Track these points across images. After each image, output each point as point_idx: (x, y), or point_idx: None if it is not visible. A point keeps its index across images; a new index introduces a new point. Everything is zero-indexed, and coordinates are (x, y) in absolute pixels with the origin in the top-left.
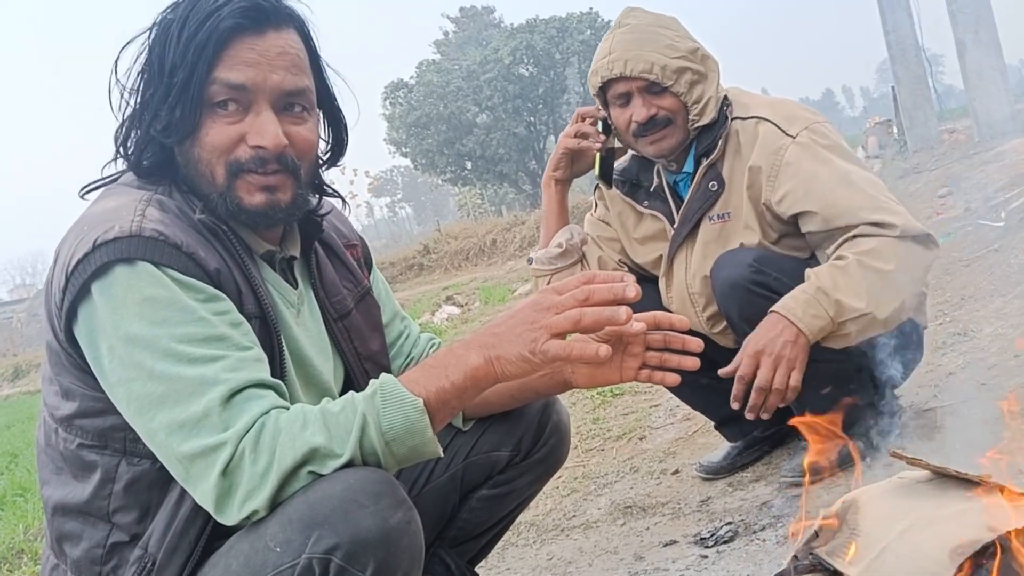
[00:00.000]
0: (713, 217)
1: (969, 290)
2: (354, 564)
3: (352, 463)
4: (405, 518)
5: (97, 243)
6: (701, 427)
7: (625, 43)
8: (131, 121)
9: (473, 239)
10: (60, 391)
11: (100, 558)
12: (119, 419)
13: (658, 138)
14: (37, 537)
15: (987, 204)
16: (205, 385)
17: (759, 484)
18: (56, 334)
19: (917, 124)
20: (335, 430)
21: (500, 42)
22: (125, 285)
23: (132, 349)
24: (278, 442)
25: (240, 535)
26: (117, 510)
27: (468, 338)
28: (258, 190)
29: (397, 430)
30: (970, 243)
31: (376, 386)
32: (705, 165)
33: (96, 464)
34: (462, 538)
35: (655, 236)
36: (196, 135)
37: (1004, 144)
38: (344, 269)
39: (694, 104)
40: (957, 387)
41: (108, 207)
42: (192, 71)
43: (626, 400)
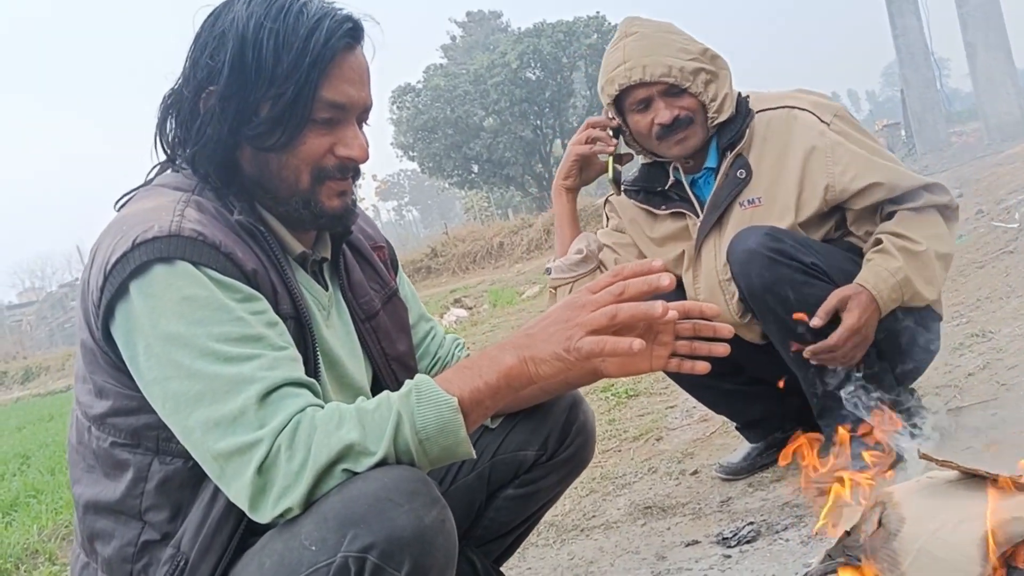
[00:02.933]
0: (743, 203)
1: (985, 291)
2: (390, 563)
3: (386, 461)
4: (440, 516)
5: (136, 242)
6: (718, 428)
7: (639, 50)
8: (201, 119)
9: (480, 242)
10: (94, 389)
11: (131, 556)
12: (152, 418)
13: (682, 138)
14: (51, 538)
15: (999, 206)
16: (241, 383)
17: (780, 484)
18: (92, 332)
19: (926, 127)
20: (370, 427)
21: (507, 46)
22: (163, 284)
23: (169, 347)
24: (313, 439)
25: (273, 533)
26: (149, 509)
27: (502, 341)
28: (336, 195)
29: (431, 429)
30: (984, 245)
31: (411, 385)
32: (732, 155)
33: (128, 463)
34: (488, 537)
35: (674, 235)
36: (291, 144)
37: (1014, 147)
38: (371, 271)
39: (711, 102)
40: (977, 388)
41: (147, 207)
42: (303, 87)
43: (641, 401)
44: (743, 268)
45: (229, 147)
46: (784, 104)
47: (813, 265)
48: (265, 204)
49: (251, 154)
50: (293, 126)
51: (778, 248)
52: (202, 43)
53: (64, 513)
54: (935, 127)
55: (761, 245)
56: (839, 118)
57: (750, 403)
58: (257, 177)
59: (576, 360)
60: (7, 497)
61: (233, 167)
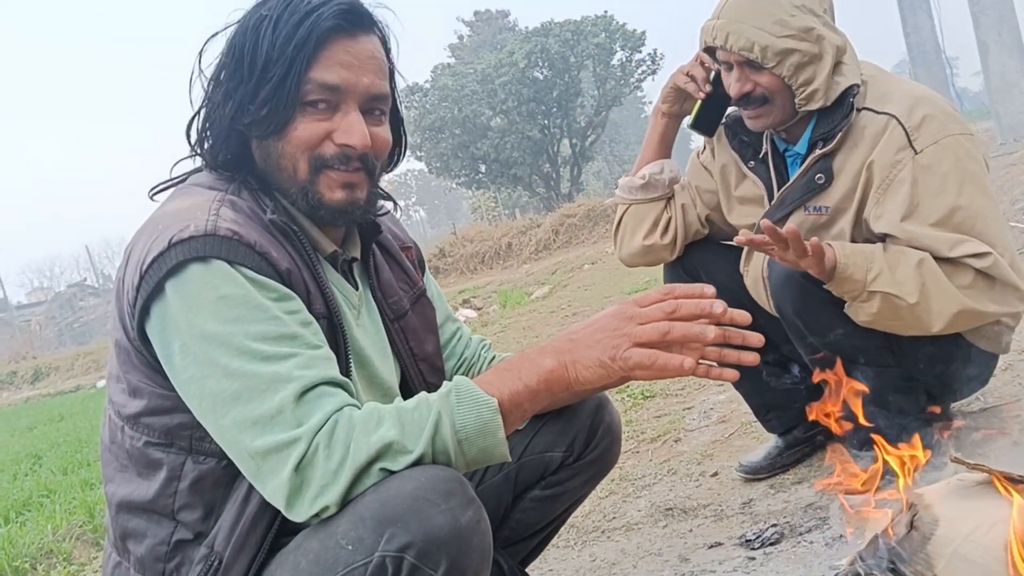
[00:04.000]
0: (809, 208)
1: None
2: (427, 562)
3: (423, 460)
4: (476, 517)
5: (172, 241)
6: (738, 430)
7: (734, 11)
8: (211, 114)
9: (488, 242)
10: (128, 389)
11: (164, 555)
12: (187, 417)
13: (755, 115)
14: (65, 538)
15: (1014, 206)
16: (278, 382)
17: (802, 486)
18: (127, 332)
19: None
20: (409, 426)
21: (515, 45)
22: (200, 283)
23: (206, 346)
24: (352, 438)
25: (309, 532)
26: (182, 508)
27: (543, 344)
28: (339, 187)
29: (470, 429)
30: None
31: (451, 386)
32: (818, 154)
33: (162, 462)
34: (514, 538)
35: (752, 200)
36: (284, 130)
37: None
38: (400, 271)
39: (800, 88)
40: (1000, 389)
41: (182, 206)
42: (288, 69)
43: (658, 402)
44: (778, 291)
45: (240, 141)
46: (887, 111)
47: None
48: (278, 199)
49: (257, 145)
50: (282, 108)
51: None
52: (221, 49)
53: (78, 513)
54: None
55: (799, 272)
56: (941, 147)
57: (771, 384)
58: (263, 169)
59: (621, 370)
60: (20, 497)
61: (247, 160)
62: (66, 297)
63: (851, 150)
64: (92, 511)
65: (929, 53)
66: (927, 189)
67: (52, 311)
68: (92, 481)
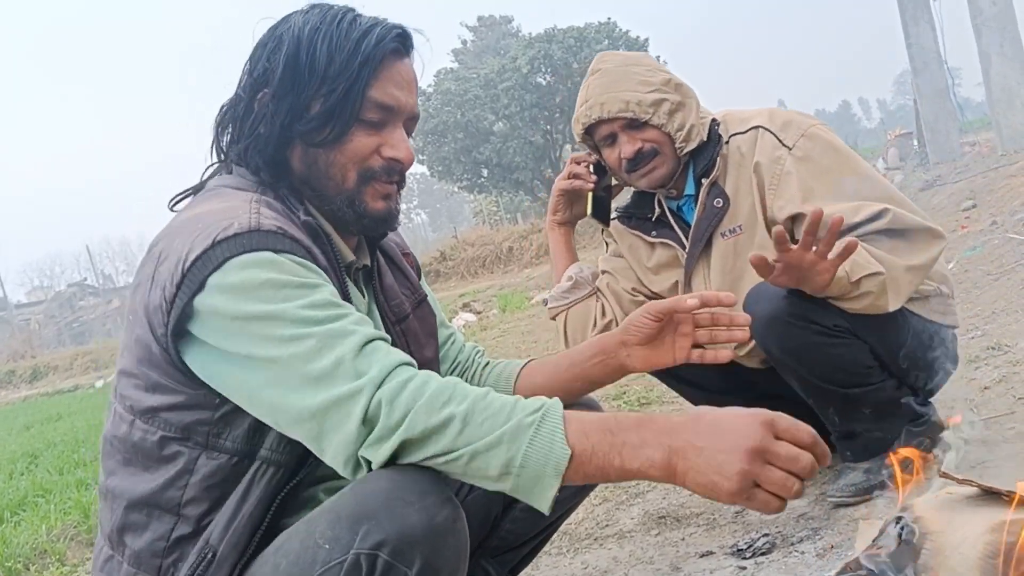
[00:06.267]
0: (725, 232)
1: (1000, 304)
2: (401, 560)
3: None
4: (452, 516)
5: (217, 239)
6: None
7: (599, 87)
8: (256, 117)
9: (490, 246)
10: (144, 384)
11: (163, 551)
12: (204, 414)
13: (648, 170)
14: (60, 538)
15: (1014, 217)
16: (334, 337)
17: None
18: (153, 329)
19: (938, 136)
20: (471, 426)
21: (518, 51)
22: (246, 271)
23: (257, 326)
24: (415, 406)
25: (290, 533)
26: (189, 502)
27: (660, 421)
28: (380, 197)
29: (527, 470)
30: (998, 257)
31: (541, 413)
32: (707, 184)
33: (176, 456)
34: (504, 548)
35: (668, 263)
36: (340, 141)
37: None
38: (402, 276)
39: (677, 132)
40: (994, 401)
41: (218, 208)
42: (353, 84)
43: (653, 409)
44: (764, 335)
45: (280, 145)
46: (752, 125)
47: (836, 327)
48: (312, 204)
49: (301, 152)
50: (343, 122)
51: (799, 313)
52: (259, 50)
53: (73, 514)
54: (948, 137)
55: (782, 311)
56: (808, 138)
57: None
58: (305, 175)
59: (729, 500)
60: (16, 497)
61: (283, 165)
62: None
63: (735, 169)
64: (87, 511)
65: (931, 63)
66: (813, 173)
67: (52, 310)
68: (88, 481)
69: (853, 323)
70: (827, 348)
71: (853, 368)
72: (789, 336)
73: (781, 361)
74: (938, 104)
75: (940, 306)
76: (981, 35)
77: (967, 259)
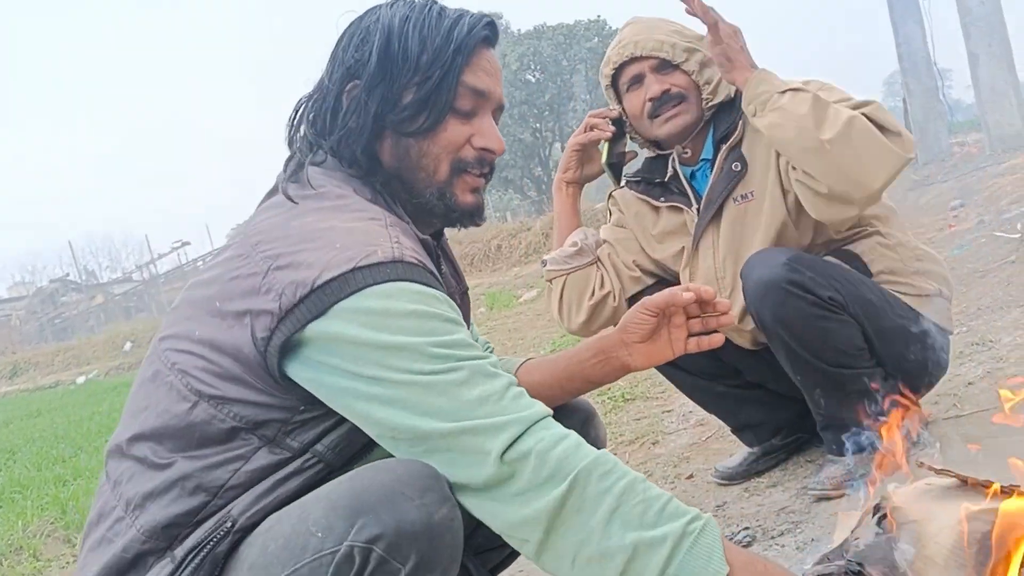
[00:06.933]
0: (737, 198)
1: (986, 301)
2: (395, 556)
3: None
4: (450, 515)
5: (359, 265)
6: (715, 433)
7: (634, 32)
8: (349, 107)
9: (478, 244)
10: (219, 372)
11: (188, 524)
12: (283, 414)
13: (672, 114)
14: (36, 534)
15: (1001, 216)
16: (483, 375)
17: (776, 490)
18: (254, 331)
19: (928, 137)
20: (624, 516)
21: (507, 48)
22: (392, 300)
23: (396, 353)
24: (579, 466)
25: (281, 515)
26: (234, 487)
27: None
28: (470, 190)
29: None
30: (985, 255)
31: (703, 522)
32: (726, 148)
33: (239, 444)
34: (487, 546)
35: (674, 231)
36: (434, 130)
37: (1016, 158)
38: (452, 268)
39: (706, 84)
40: (977, 397)
41: (354, 227)
42: (447, 71)
43: (638, 405)
44: (758, 300)
45: (371, 137)
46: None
47: (831, 300)
48: (400, 199)
49: (392, 144)
50: (438, 110)
51: (796, 280)
52: (346, 42)
53: (50, 510)
54: (937, 137)
55: (779, 277)
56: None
57: (742, 406)
58: (396, 168)
59: None
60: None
61: (373, 159)
62: (48, 292)
63: (754, 134)
64: (64, 507)
65: (920, 64)
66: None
67: (33, 306)
68: (66, 477)
69: (847, 300)
70: (820, 321)
71: (843, 346)
72: (784, 304)
73: (773, 331)
74: (927, 104)
75: (939, 308)
76: (970, 35)
77: (954, 257)
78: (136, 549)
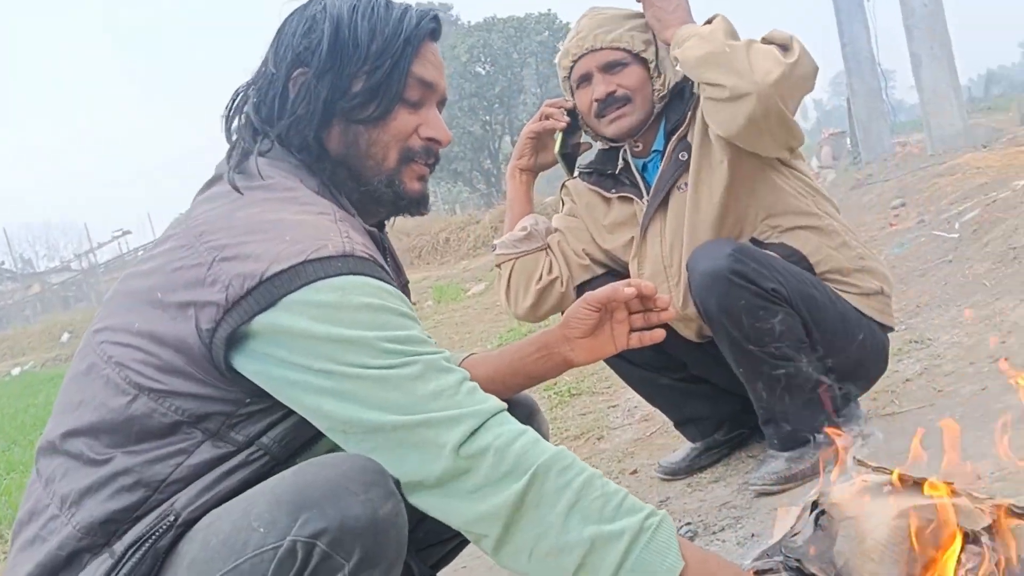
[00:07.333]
0: (682, 186)
1: (924, 299)
2: (339, 551)
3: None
4: (395, 510)
5: (309, 258)
6: (659, 428)
7: (593, 23)
8: (298, 94)
9: (426, 237)
10: (159, 365)
11: (126, 520)
12: (228, 408)
13: (617, 116)
14: None
15: (940, 216)
16: (438, 370)
17: (718, 485)
18: (198, 323)
19: (871, 136)
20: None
21: (457, 39)
22: (344, 293)
23: (345, 347)
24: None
25: (222, 511)
26: (175, 481)
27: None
28: (417, 178)
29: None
30: (924, 254)
31: (659, 518)
32: (675, 139)
33: (180, 438)
34: (428, 542)
35: (624, 221)
36: (384, 119)
37: (956, 158)
38: (394, 261)
39: (659, 76)
40: (915, 393)
41: (304, 220)
42: (398, 61)
43: (584, 400)
44: (703, 290)
45: (319, 126)
46: None
47: (774, 291)
48: (347, 188)
49: (340, 132)
50: (388, 99)
51: (741, 271)
52: (291, 30)
53: None
54: (880, 136)
55: (724, 268)
56: None
57: (686, 400)
58: (344, 155)
59: None
60: None
61: (321, 146)
62: None
63: (700, 121)
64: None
65: (864, 64)
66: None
67: None
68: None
69: (791, 294)
70: (763, 312)
71: (785, 339)
72: (728, 294)
73: (717, 321)
74: (871, 104)
75: (880, 305)
76: (913, 36)
77: (895, 256)
78: (72, 547)
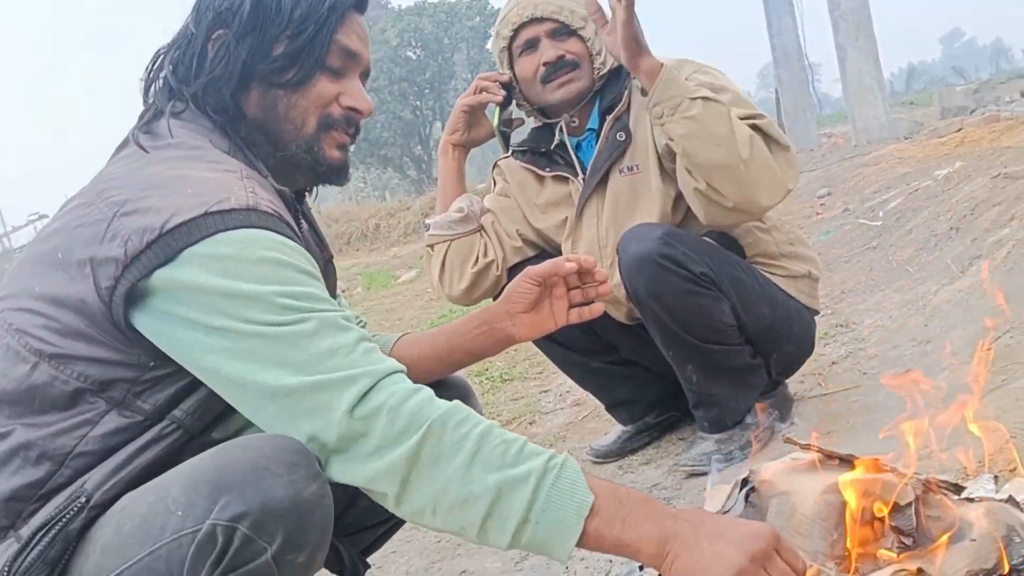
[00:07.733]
0: (623, 169)
1: (849, 284)
2: (261, 534)
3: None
4: (319, 492)
5: (210, 211)
6: (591, 412)
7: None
8: (215, 55)
9: (355, 223)
10: (60, 328)
11: (32, 498)
12: (130, 372)
13: (566, 80)
14: None
15: (865, 204)
16: (335, 327)
17: (649, 467)
18: (97, 281)
19: (798, 127)
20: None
21: (387, 23)
22: (244, 246)
23: (243, 302)
24: (431, 417)
25: (136, 495)
26: (81, 454)
27: (663, 505)
28: (336, 147)
29: (549, 516)
30: (849, 241)
31: (562, 458)
32: (611, 118)
33: (84, 408)
34: (357, 526)
35: (559, 201)
36: (303, 84)
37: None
38: (315, 235)
39: (597, 54)
40: (840, 376)
41: (209, 176)
42: (321, 27)
43: (515, 385)
44: (632, 273)
45: (236, 87)
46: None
47: (703, 275)
48: (263, 152)
49: (258, 95)
50: (309, 64)
51: (670, 255)
52: None
53: None
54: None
55: (653, 251)
56: (701, 73)
57: (618, 383)
58: (262, 119)
59: None
60: None
61: (238, 108)
62: None
63: (639, 108)
64: None
65: (792, 56)
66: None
67: None
68: None
69: (719, 277)
70: (691, 296)
71: (714, 323)
72: (656, 278)
73: (646, 305)
74: (798, 96)
75: (807, 288)
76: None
77: (821, 243)
78: None
